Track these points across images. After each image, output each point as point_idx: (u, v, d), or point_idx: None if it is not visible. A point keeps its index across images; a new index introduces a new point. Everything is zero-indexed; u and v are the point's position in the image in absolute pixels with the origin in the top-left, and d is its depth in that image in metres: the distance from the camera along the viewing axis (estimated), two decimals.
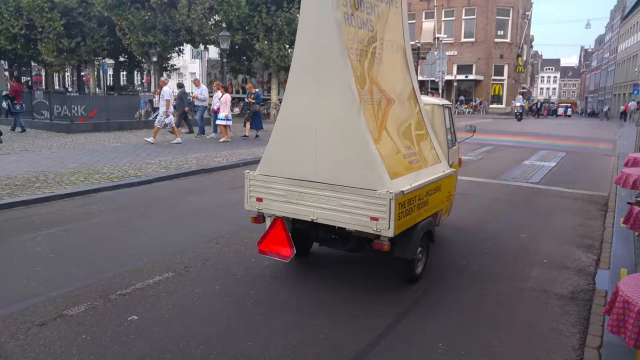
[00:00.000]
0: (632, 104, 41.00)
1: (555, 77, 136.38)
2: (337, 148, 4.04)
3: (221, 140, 14.28)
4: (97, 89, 34.42)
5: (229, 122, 14.39)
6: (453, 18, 41.33)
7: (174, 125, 13.98)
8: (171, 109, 13.80)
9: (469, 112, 39.40)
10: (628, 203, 4.77)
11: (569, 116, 57.53)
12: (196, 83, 17.22)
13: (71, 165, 9.78)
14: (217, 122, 14.60)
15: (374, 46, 4.45)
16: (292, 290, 4.33)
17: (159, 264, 4.82)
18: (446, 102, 6.05)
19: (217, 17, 24.90)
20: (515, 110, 34.08)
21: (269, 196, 4.44)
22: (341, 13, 3.96)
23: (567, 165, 12.57)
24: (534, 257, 5.33)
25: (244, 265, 4.85)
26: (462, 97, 40.08)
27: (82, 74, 39.47)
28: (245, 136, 15.53)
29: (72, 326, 3.57)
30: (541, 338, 3.60)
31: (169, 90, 13.93)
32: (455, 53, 40.39)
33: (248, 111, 15.71)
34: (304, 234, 4.72)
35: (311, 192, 4.17)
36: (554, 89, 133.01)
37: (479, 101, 40.07)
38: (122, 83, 39.88)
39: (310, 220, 4.23)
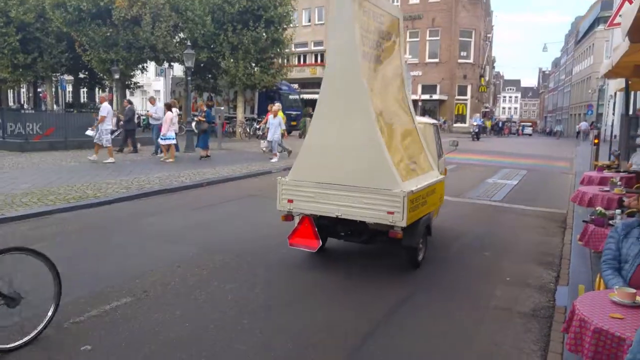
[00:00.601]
0: (583, 124, 42.75)
1: (516, 97, 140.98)
2: (360, 157, 5.01)
3: (167, 160, 13.70)
4: (54, 106, 33.45)
5: (172, 141, 13.88)
6: (418, 39, 42.37)
7: (110, 144, 13.42)
8: (107, 126, 13.36)
9: None
10: (583, 221, 4.89)
11: (530, 135, 59.47)
12: (151, 101, 16.64)
13: (23, 185, 9.37)
14: (160, 141, 14.03)
15: (381, 75, 5.61)
16: (255, 318, 4.22)
17: (116, 289, 4.62)
18: (434, 121, 7.32)
19: (182, 35, 24.71)
20: (472, 130, 34.68)
21: (299, 197, 5.29)
22: (361, 52, 5.07)
23: (528, 183, 12.91)
24: (498, 275, 5.39)
25: (205, 290, 4.70)
26: (426, 116, 40.89)
27: (39, 90, 38.37)
28: (204, 156, 14.90)
29: None
30: (504, 357, 3.60)
31: (108, 106, 13.57)
32: (420, 73, 41.30)
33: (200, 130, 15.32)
34: (325, 229, 5.50)
35: (337, 193, 5.06)
36: (515, 108, 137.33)
37: (442, 120, 40.98)
38: (82, 100, 38.93)
39: (335, 216, 5.10)
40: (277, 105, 15.39)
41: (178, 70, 32.08)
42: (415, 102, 38.04)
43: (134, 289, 4.63)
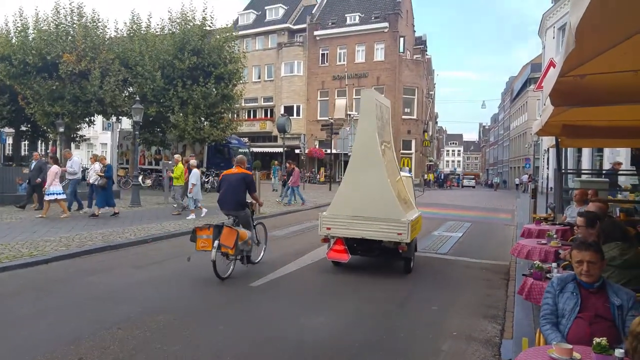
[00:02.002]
0: (524, 177, 45.09)
1: (459, 150, 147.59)
2: (377, 199, 7.62)
3: (62, 216, 12.89)
4: None
5: (60, 196, 12.94)
6: None
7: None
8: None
9: None
10: (523, 275, 5.06)
11: (473, 187, 61.88)
12: (67, 155, 15.54)
13: None
14: (45, 197, 12.92)
15: (384, 144, 8.28)
16: None
17: (48, 356, 4.31)
18: (410, 174, 11.29)
19: (131, 89, 24.59)
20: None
21: (335, 226, 7.82)
22: (377, 131, 7.87)
23: (472, 236, 13.31)
24: (445, 330, 5.43)
25: (147, 353, 4.47)
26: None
27: None
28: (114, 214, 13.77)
29: None
30: None
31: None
32: None
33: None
34: (349, 247, 7.87)
35: (362, 222, 7.61)
36: (458, 161, 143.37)
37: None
38: (23, 153, 37.40)
39: (360, 237, 7.71)
40: (193, 160, 15.07)
41: (126, 123, 31.65)
42: None
43: (68, 356, 4.33)
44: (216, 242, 7.09)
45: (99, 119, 33.74)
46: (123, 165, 28.86)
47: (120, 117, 26.10)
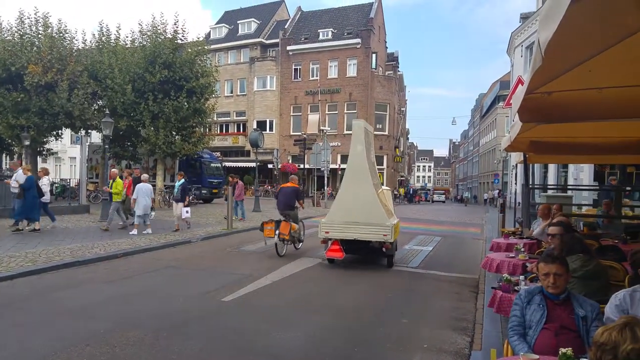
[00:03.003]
0: (495, 192, 46.09)
1: (429, 166, 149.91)
2: (367, 208, 9.39)
3: None
4: None
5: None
6: (336, 112, 44.35)
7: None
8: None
9: None
10: (492, 288, 5.16)
11: (443, 202, 62.82)
12: (12, 166, 15.29)
13: None
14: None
15: (371, 163, 10.14)
16: None
17: None
18: (389, 188, 13.50)
19: (100, 103, 24.14)
20: None
21: (332, 229, 9.59)
22: (366, 154, 9.76)
23: (442, 249, 13.48)
24: (415, 342, 5.47)
25: None
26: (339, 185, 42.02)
27: None
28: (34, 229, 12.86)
29: None
30: None
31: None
32: (339, 144, 42.89)
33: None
34: (343, 246, 9.66)
35: (355, 227, 9.39)
36: (429, 177, 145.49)
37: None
38: None
39: (353, 239, 9.46)
40: (144, 175, 14.46)
41: (96, 137, 31.03)
42: (335, 171, 39.29)
43: None
44: (277, 231, 10.61)
45: (67, 133, 32.96)
46: (93, 180, 28.19)
47: (89, 131, 25.51)
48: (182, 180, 14.61)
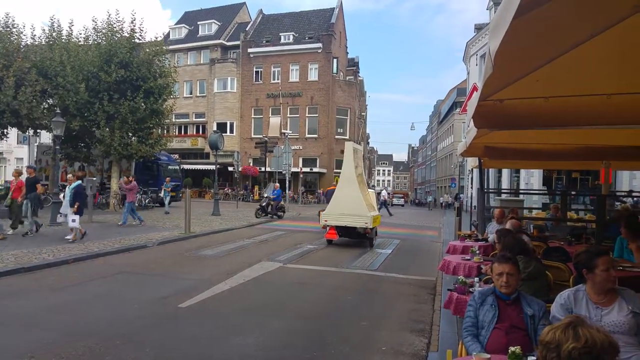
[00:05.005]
0: (449, 197, 47.22)
1: (389, 170, 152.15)
2: (354, 204, 13.46)
3: None
4: None
5: None
6: (298, 115, 44.41)
7: None
8: None
9: (314, 202, 41.45)
10: (448, 290, 5.27)
11: (402, 205, 63.73)
12: None
13: None
14: None
15: (359, 174, 14.49)
16: None
17: None
18: (373, 190, 19.87)
19: (51, 101, 23.17)
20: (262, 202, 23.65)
21: (330, 219, 13.72)
22: (354, 168, 14.00)
23: (401, 252, 13.68)
24: (374, 345, 5.52)
25: None
26: (302, 188, 42.20)
27: None
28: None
29: None
30: None
31: None
32: (301, 147, 42.97)
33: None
34: (338, 231, 13.89)
35: (347, 216, 13.44)
36: (388, 181, 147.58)
37: (321, 192, 42.61)
38: None
39: (344, 225, 13.57)
40: (72, 175, 13.38)
41: (46, 137, 29.79)
42: (296, 174, 39.30)
43: None
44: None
45: (13, 132, 31.49)
46: (42, 182, 27.04)
47: (38, 131, 24.42)
48: (79, 182, 12.69)
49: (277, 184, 24.60)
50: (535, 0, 2.05)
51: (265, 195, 23.53)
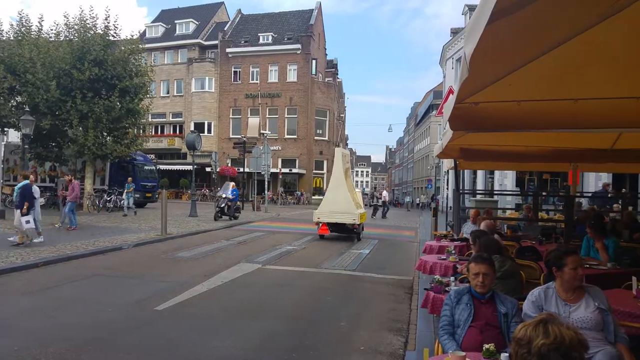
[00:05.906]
0: (426, 198, 47.79)
1: (367, 171, 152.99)
2: (344, 203, 15.48)
3: None
4: None
5: None
6: (277, 116, 44.31)
7: None
8: None
9: (293, 202, 41.39)
10: (425, 289, 5.35)
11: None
12: None
13: None
14: None
15: (347, 176, 16.69)
16: None
17: None
18: (359, 190, 21.48)
19: (19, 99, 22.56)
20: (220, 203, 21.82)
21: (322, 216, 15.58)
22: (344, 171, 16.19)
23: (379, 252, 13.77)
24: (352, 345, 5.55)
25: None
26: (281, 188, 42.14)
27: None
28: None
29: None
30: None
31: None
32: (280, 148, 42.88)
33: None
34: (329, 227, 15.58)
35: (337, 213, 15.40)
36: (367, 182, 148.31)
37: (300, 193, 42.60)
38: None
39: (335, 222, 15.45)
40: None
41: (14, 136, 29.03)
42: (275, 174, 39.21)
43: None
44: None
45: None
46: (9, 183, 26.30)
47: (5, 129, 23.66)
48: (26, 181, 11.83)
49: (234, 183, 22.77)
50: (508, 8, 2.11)
51: (223, 195, 21.46)
